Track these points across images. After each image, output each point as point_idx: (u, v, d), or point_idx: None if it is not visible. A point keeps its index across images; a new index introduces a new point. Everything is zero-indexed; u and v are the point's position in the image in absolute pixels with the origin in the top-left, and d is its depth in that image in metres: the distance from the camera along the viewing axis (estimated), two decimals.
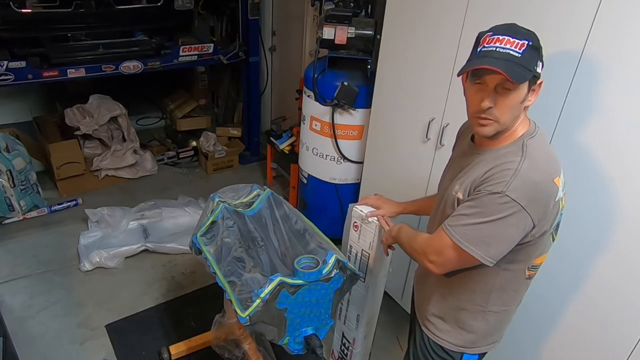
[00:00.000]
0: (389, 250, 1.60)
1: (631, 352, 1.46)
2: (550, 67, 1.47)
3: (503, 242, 1.10)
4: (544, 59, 1.07)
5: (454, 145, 1.43)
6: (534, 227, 1.09)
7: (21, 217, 3.09)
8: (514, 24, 1.07)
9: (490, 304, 1.26)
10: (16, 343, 2.04)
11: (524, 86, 1.05)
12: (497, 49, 1.03)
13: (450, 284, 1.29)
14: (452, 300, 1.31)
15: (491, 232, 1.08)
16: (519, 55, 1.02)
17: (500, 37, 1.04)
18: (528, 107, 1.12)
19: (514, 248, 1.12)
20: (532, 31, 1.06)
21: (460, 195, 1.16)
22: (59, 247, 2.89)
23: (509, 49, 1.02)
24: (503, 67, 1.00)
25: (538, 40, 1.05)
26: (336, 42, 2.42)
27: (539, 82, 1.09)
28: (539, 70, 1.06)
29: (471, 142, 1.24)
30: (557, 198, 1.10)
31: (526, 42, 1.02)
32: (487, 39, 1.06)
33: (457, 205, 1.17)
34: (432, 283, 1.37)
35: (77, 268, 2.73)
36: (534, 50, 1.03)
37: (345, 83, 2.45)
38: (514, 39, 1.02)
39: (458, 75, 1.11)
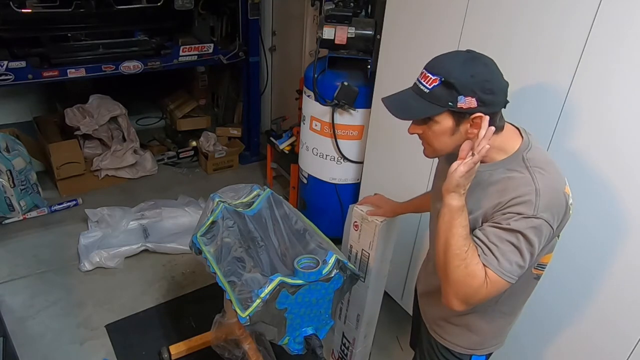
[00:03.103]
0: (389, 250, 1.60)
1: (631, 353, 1.46)
2: (547, 76, 1.49)
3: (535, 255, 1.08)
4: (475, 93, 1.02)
5: None
6: (552, 235, 1.08)
7: (21, 217, 3.09)
8: (442, 57, 1.08)
9: (499, 305, 1.26)
10: (16, 343, 2.04)
11: (445, 120, 1.07)
12: (415, 82, 1.09)
13: None
14: None
15: (530, 251, 1.06)
16: (427, 90, 1.05)
17: (423, 71, 1.08)
18: (472, 138, 1.06)
19: None
20: (452, 68, 1.03)
21: None
22: (59, 247, 2.89)
23: (421, 82, 1.07)
24: (397, 104, 1.10)
25: (454, 77, 1.02)
26: (336, 42, 2.42)
27: (472, 116, 1.04)
28: (460, 104, 1.03)
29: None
30: (569, 204, 1.09)
31: (438, 78, 1.04)
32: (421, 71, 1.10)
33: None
34: (440, 291, 1.35)
35: (77, 268, 2.73)
36: (447, 85, 1.03)
37: (345, 83, 2.45)
38: (429, 74, 1.06)
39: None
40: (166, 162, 3.88)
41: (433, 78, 1.05)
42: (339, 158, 2.68)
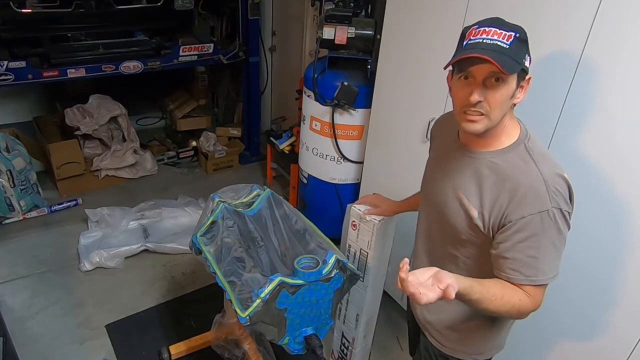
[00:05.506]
0: (387, 249, 1.60)
1: (631, 352, 1.46)
2: (549, 68, 1.49)
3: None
4: (531, 55, 1.04)
5: (430, 146, 1.39)
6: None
7: (21, 217, 3.09)
8: (499, 18, 1.04)
9: None
10: (16, 343, 2.04)
11: (513, 81, 1.01)
12: (485, 40, 0.98)
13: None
14: (465, 312, 1.27)
15: (560, 240, 1.08)
16: (507, 46, 0.97)
17: (487, 29, 0.99)
18: (515, 105, 1.08)
19: None
20: (518, 25, 1.03)
21: (475, 213, 1.11)
22: (59, 247, 2.89)
23: (496, 40, 0.97)
24: (493, 56, 0.95)
25: (525, 34, 1.02)
26: (336, 42, 2.42)
27: (527, 77, 1.05)
28: (527, 64, 1.02)
29: (460, 143, 1.17)
30: (572, 188, 1.08)
31: (513, 34, 0.98)
32: (473, 32, 1.01)
33: (472, 216, 1.12)
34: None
35: (77, 268, 2.73)
36: (521, 42, 1.00)
37: (345, 83, 2.45)
38: (501, 30, 0.98)
39: (445, 68, 1.06)
40: (166, 162, 3.88)
41: (508, 34, 0.98)
42: (339, 158, 2.68)
